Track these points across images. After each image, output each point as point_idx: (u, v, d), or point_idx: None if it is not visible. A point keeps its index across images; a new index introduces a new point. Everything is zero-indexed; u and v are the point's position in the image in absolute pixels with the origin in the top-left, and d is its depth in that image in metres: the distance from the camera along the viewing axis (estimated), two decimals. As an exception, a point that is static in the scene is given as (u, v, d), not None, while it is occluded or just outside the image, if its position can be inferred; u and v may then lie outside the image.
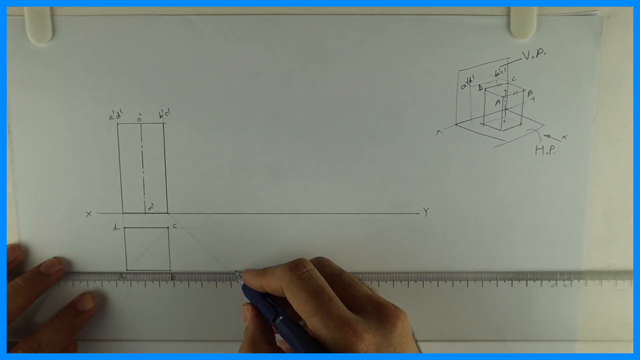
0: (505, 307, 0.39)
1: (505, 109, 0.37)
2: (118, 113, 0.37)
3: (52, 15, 0.36)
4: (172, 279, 0.39)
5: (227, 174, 0.38)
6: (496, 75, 0.36)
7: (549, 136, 0.37)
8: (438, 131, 0.37)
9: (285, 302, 0.31)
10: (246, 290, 0.34)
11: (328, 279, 0.31)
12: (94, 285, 0.39)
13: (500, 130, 0.37)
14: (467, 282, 0.38)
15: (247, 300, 0.34)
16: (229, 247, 0.38)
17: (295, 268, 0.30)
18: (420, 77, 0.36)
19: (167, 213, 0.38)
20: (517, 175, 0.37)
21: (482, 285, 0.38)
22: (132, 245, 0.38)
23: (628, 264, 0.38)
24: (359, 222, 0.38)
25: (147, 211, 0.38)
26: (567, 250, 0.38)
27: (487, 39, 0.36)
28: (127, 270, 0.39)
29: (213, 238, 0.38)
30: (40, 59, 0.37)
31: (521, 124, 0.37)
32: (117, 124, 0.37)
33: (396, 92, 0.37)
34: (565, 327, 0.39)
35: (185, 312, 0.39)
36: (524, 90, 0.36)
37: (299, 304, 0.29)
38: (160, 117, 0.37)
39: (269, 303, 0.32)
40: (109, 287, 0.39)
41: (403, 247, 0.38)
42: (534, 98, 0.36)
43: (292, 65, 0.36)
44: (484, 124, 0.37)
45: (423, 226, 0.38)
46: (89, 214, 0.38)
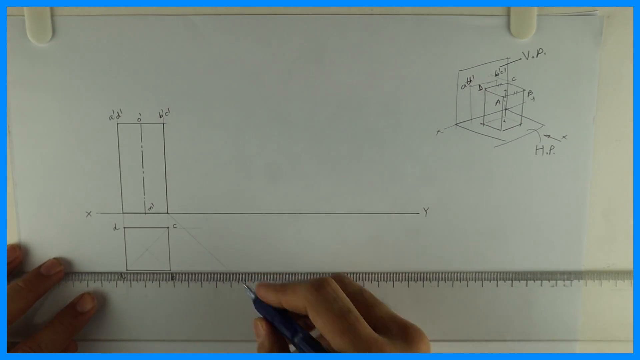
0: (505, 307, 0.39)
1: (505, 109, 0.37)
2: (118, 113, 0.37)
3: (52, 15, 0.36)
4: (172, 279, 0.39)
5: (227, 174, 0.38)
6: (496, 75, 0.36)
7: (549, 136, 0.37)
8: (438, 131, 0.37)
9: (297, 316, 0.31)
10: (259, 305, 0.32)
11: (350, 298, 0.30)
12: (94, 285, 0.39)
13: (500, 130, 0.37)
14: (467, 282, 0.38)
15: (255, 311, 0.33)
16: (229, 247, 0.38)
17: (320, 287, 0.29)
18: (420, 77, 0.36)
19: (167, 213, 0.38)
20: (517, 175, 0.37)
21: (482, 286, 0.38)
22: (132, 245, 0.38)
23: (628, 264, 0.38)
24: (359, 222, 0.38)
25: (147, 211, 0.38)
26: (567, 250, 0.38)
27: (487, 39, 0.36)
28: (127, 270, 0.39)
29: (213, 238, 0.38)
30: (40, 59, 0.37)
31: (521, 124, 0.37)
32: (117, 124, 0.37)
33: (396, 92, 0.37)
34: (565, 327, 0.39)
35: (185, 312, 0.39)
36: (524, 90, 0.36)
37: (325, 324, 0.28)
38: (160, 117, 0.37)
39: (287, 320, 0.31)
40: (108, 287, 0.39)
41: (403, 247, 0.38)
42: (534, 98, 0.36)
43: (292, 65, 0.36)
44: (483, 124, 0.37)
45: (423, 226, 0.38)
46: (89, 214, 0.38)
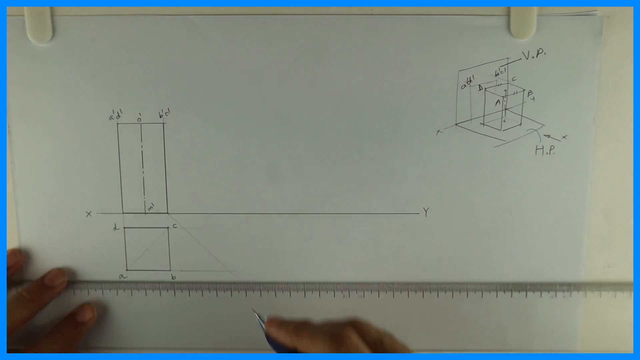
0: (505, 317, 0.38)
1: (505, 109, 0.37)
2: (118, 113, 0.37)
3: (52, 15, 0.36)
4: (172, 287, 0.39)
5: (227, 174, 0.38)
6: (496, 75, 0.36)
7: (549, 136, 0.37)
8: (438, 131, 0.37)
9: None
10: (271, 340, 0.31)
11: (370, 347, 0.28)
12: (94, 294, 0.39)
13: (500, 130, 0.37)
14: (466, 292, 0.38)
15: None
16: (229, 247, 0.38)
17: (341, 343, 0.28)
18: (420, 77, 0.36)
19: (167, 213, 0.38)
20: (517, 175, 0.37)
21: (482, 296, 0.38)
22: (132, 245, 0.38)
23: (628, 266, 0.38)
24: (359, 222, 0.38)
25: (147, 211, 0.38)
26: (567, 250, 0.38)
27: (487, 39, 0.36)
28: (127, 270, 0.39)
29: (213, 238, 0.38)
30: (40, 59, 0.37)
31: (521, 124, 0.37)
32: (117, 124, 0.37)
33: (396, 91, 0.37)
34: (564, 338, 0.39)
35: (185, 321, 0.39)
36: (524, 90, 0.36)
37: None
38: (160, 117, 0.37)
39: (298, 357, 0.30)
40: (109, 296, 0.39)
41: (403, 248, 0.38)
42: (534, 98, 0.36)
43: (292, 65, 0.36)
44: (484, 124, 0.37)
45: (423, 226, 0.38)
46: (89, 214, 0.38)
